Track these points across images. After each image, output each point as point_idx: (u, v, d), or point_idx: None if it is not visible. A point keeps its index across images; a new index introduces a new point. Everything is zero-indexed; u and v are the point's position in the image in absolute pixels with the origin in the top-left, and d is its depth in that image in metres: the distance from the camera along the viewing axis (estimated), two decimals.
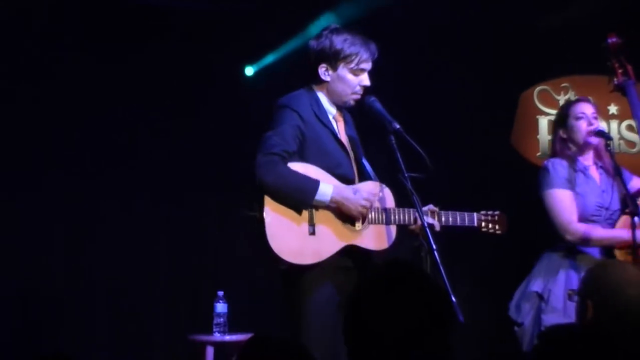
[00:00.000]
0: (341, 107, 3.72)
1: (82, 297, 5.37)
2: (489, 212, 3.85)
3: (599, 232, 4.06)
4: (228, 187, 5.19)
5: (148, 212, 5.51)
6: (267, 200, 3.44)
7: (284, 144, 3.47)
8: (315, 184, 3.45)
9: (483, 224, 3.83)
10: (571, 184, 4.12)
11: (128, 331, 5.40)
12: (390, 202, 3.65)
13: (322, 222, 3.50)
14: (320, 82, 3.67)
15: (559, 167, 4.15)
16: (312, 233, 3.47)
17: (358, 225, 3.56)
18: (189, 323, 5.27)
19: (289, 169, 3.46)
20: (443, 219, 3.68)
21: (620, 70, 4.16)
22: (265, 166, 3.42)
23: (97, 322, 5.41)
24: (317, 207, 3.48)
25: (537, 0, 5.74)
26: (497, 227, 3.85)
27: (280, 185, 3.42)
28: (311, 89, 3.68)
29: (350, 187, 3.54)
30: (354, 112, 3.81)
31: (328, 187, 3.47)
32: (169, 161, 5.58)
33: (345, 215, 3.51)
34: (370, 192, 3.56)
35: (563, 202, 4.09)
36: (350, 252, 3.53)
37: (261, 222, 3.42)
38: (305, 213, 3.48)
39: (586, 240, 4.05)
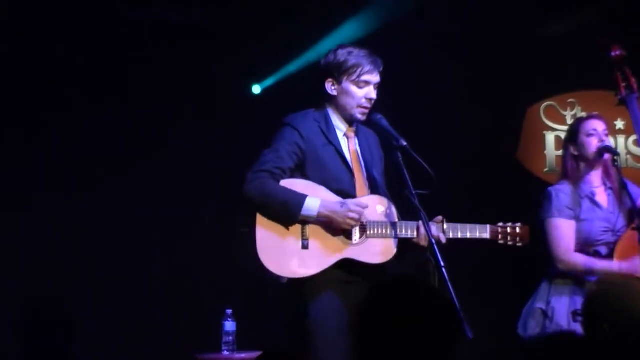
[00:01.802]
0: (353, 123, 3.73)
1: (88, 316, 5.37)
2: (508, 224, 3.77)
3: (590, 262, 4.03)
4: (236, 203, 5.18)
5: (156, 230, 5.50)
6: (259, 216, 3.49)
7: (277, 161, 3.52)
8: (301, 198, 3.47)
9: (500, 236, 3.74)
10: (574, 212, 4.11)
11: (136, 349, 5.39)
12: (390, 216, 3.62)
13: (315, 236, 3.51)
14: (330, 98, 3.70)
15: (562, 195, 4.14)
16: (305, 247, 3.50)
17: (355, 238, 3.55)
18: (198, 341, 5.22)
19: (275, 184, 3.50)
20: (451, 232, 3.63)
21: (623, 84, 4.14)
22: (252, 182, 3.48)
23: (104, 342, 5.38)
24: (306, 222, 3.50)
25: (543, 8, 5.74)
26: (517, 239, 3.76)
27: (266, 200, 3.46)
28: (323, 107, 3.72)
29: (339, 201, 3.53)
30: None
31: (315, 201, 3.48)
32: (175, 177, 5.59)
33: (337, 229, 3.51)
34: (360, 204, 3.53)
35: (561, 231, 4.09)
36: (350, 266, 3.53)
37: (253, 238, 3.47)
38: (297, 228, 3.50)
39: (578, 271, 4.03)
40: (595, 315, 2.65)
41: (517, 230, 3.77)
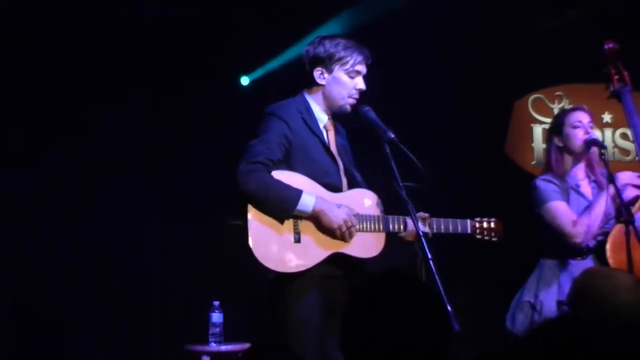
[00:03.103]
0: (334, 115, 3.71)
1: (77, 308, 5.39)
2: (484, 219, 3.82)
3: (589, 212, 3.98)
4: (224, 196, 5.22)
5: (143, 222, 5.52)
6: (250, 208, 3.43)
7: (268, 152, 3.46)
8: (297, 193, 3.43)
9: (477, 231, 3.80)
10: (563, 198, 4.08)
11: (124, 341, 5.42)
12: (378, 210, 3.63)
13: (307, 230, 3.48)
14: (314, 88, 3.68)
15: (548, 183, 4.11)
16: (297, 241, 3.46)
17: None
18: (185, 333, 5.24)
19: (271, 177, 3.44)
20: (435, 226, 3.67)
21: (616, 77, 4.12)
22: (248, 175, 3.40)
23: (92, 334, 5.42)
24: (299, 217, 3.47)
25: (535, 3, 5.76)
26: (492, 234, 3.83)
27: (262, 194, 3.40)
28: (303, 97, 3.69)
29: (335, 202, 3.51)
30: (347, 123, 3.83)
31: (311, 197, 3.44)
32: (164, 170, 5.61)
33: (327, 228, 3.48)
34: (353, 211, 3.52)
35: (562, 211, 4.03)
36: (337, 260, 3.51)
37: (245, 230, 3.42)
38: (289, 221, 3.45)
39: (591, 231, 3.97)
40: (576, 304, 2.70)
41: (492, 225, 3.83)
